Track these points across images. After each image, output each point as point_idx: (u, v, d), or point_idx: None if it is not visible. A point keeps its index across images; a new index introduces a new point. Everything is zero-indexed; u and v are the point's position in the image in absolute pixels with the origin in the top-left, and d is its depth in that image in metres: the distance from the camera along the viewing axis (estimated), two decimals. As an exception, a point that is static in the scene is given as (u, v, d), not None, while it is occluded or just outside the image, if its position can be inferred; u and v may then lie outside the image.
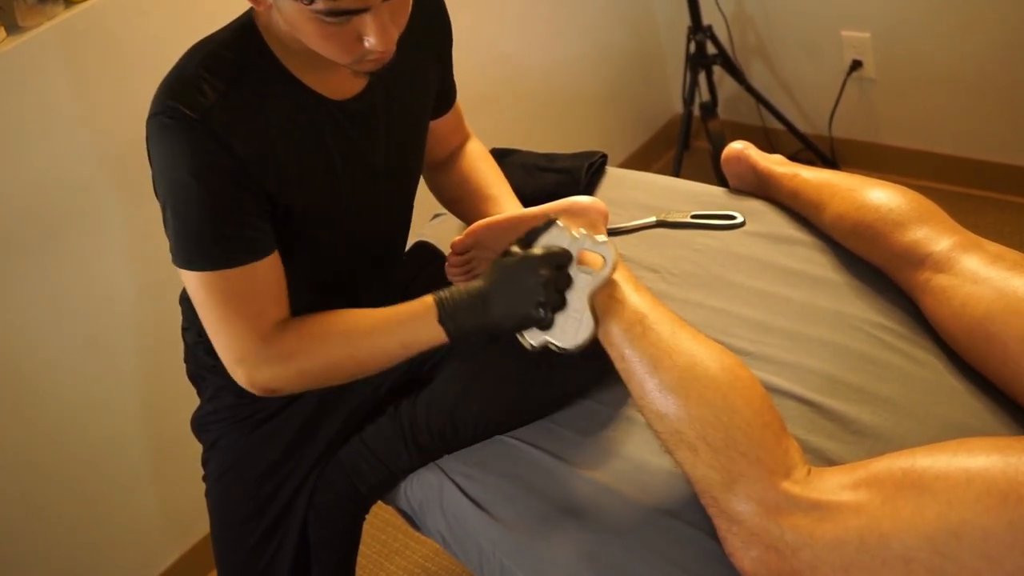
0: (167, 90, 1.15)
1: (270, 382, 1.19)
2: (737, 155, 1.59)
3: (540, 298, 1.11)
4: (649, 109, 3.04)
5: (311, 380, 1.22)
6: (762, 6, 2.69)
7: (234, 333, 1.17)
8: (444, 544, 1.35)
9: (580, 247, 1.14)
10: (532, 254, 1.13)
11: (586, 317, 1.12)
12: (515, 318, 1.13)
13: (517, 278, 1.13)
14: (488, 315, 1.14)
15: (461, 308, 1.15)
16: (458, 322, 1.15)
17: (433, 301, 1.16)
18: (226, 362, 1.20)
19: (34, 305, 1.79)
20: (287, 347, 1.18)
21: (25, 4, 1.70)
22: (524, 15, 2.58)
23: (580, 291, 1.12)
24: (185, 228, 1.15)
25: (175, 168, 1.13)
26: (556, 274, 1.12)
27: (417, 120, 1.38)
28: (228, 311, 1.17)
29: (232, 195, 1.15)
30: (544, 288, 1.11)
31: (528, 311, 1.12)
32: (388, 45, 1.10)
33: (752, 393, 1.09)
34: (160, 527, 2.09)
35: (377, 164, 1.30)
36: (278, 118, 1.19)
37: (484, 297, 1.14)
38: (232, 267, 1.15)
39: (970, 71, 2.41)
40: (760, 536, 1.02)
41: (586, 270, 1.13)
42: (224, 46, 1.18)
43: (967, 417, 1.16)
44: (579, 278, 1.13)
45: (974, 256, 1.22)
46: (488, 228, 1.35)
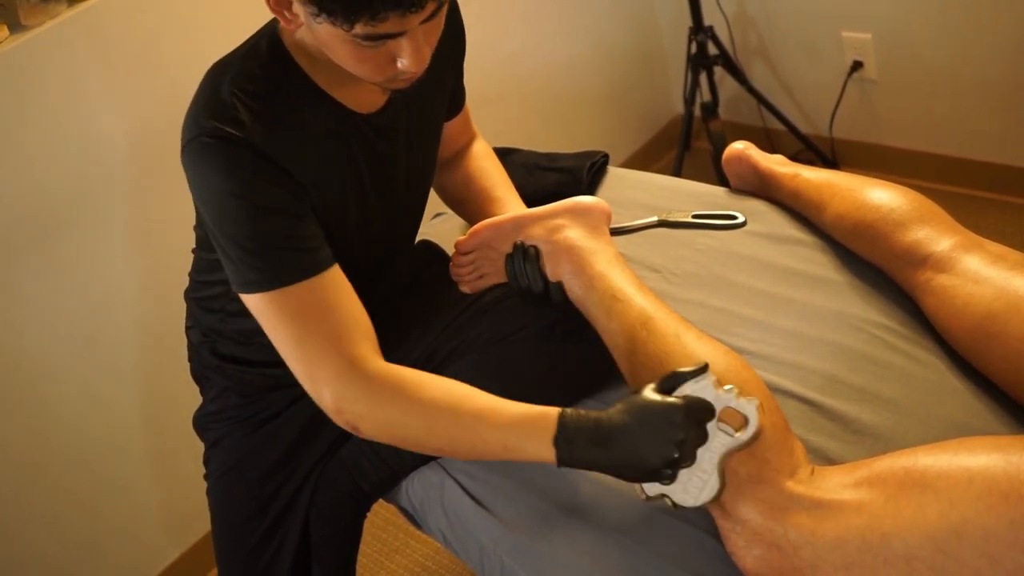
0: (203, 111, 1.12)
1: (358, 418, 1.12)
2: (738, 155, 1.59)
3: (674, 455, 1.01)
4: (650, 109, 3.04)
5: (396, 434, 1.13)
6: (763, 7, 2.69)
7: (315, 355, 1.10)
8: (445, 542, 1.35)
9: (725, 403, 1.04)
10: (677, 403, 1.02)
11: (713, 480, 1.02)
12: (639, 468, 1.02)
13: (653, 425, 1.01)
14: (609, 455, 1.03)
15: (582, 436, 1.04)
16: (574, 450, 1.04)
17: (555, 417, 1.06)
18: (309, 387, 1.13)
19: (35, 304, 1.80)
20: (388, 387, 1.10)
21: (28, 3, 1.70)
22: (526, 15, 2.59)
23: (713, 451, 1.02)
24: (240, 250, 1.11)
25: (221, 189, 1.10)
26: (696, 430, 1.02)
27: (434, 128, 1.38)
28: (302, 331, 1.10)
29: (284, 208, 1.12)
30: (680, 446, 1.01)
31: (655, 464, 1.01)
32: (421, 66, 1.09)
33: (757, 393, 1.09)
34: (160, 526, 2.09)
35: (399, 174, 1.30)
36: (312, 134, 1.18)
37: (611, 433, 1.03)
38: (296, 282, 1.11)
39: (971, 72, 2.41)
40: (763, 535, 1.02)
41: (725, 429, 1.03)
42: (252, 65, 1.16)
43: (968, 417, 1.17)
44: (716, 437, 1.03)
45: (975, 256, 1.23)
46: (492, 228, 1.35)
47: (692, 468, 1.03)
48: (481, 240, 1.36)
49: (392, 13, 1.00)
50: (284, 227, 1.12)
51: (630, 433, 1.02)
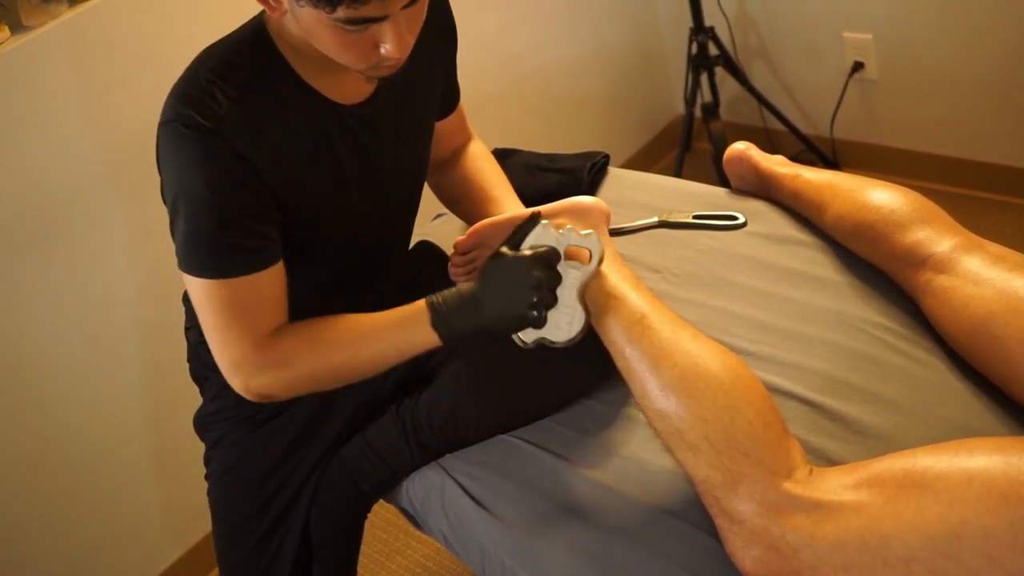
0: (180, 97, 1.14)
1: (265, 387, 1.20)
2: (739, 156, 1.59)
3: (533, 298, 1.13)
4: (651, 110, 3.04)
5: (306, 385, 1.23)
6: (764, 8, 2.69)
7: (231, 340, 1.18)
8: (445, 543, 1.35)
9: (567, 243, 1.16)
10: (522, 255, 1.15)
11: (578, 312, 1.15)
12: (509, 320, 1.15)
13: (509, 280, 1.14)
14: (482, 318, 1.15)
15: (454, 312, 1.16)
16: (451, 326, 1.16)
17: (425, 305, 1.17)
18: (223, 368, 1.21)
19: (35, 303, 1.80)
20: (282, 353, 1.19)
21: (29, 3, 1.70)
22: (527, 16, 2.59)
23: (570, 287, 1.15)
24: (193, 235, 1.15)
25: (187, 176, 1.13)
26: (547, 273, 1.14)
27: (423, 122, 1.38)
28: (228, 318, 1.17)
29: (243, 205, 1.15)
30: (536, 288, 1.13)
31: (523, 312, 1.14)
32: (404, 52, 1.10)
33: (754, 393, 1.09)
34: (161, 526, 2.09)
35: (384, 167, 1.30)
36: (290, 124, 1.19)
37: (477, 300, 1.15)
38: (236, 276, 1.16)
39: (971, 73, 2.41)
40: (761, 536, 1.02)
41: (574, 265, 1.16)
42: (236, 52, 1.18)
43: (968, 418, 1.17)
44: (568, 274, 1.15)
45: (975, 257, 1.23)
46: (490, 227, 1.35)
47: (557, 308, 1.15)
48: (479, 239, 1.35)
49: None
50: (236, 224, 1.15)
51: (492, 293, 1.14)
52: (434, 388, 1.36)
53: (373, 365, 1.21)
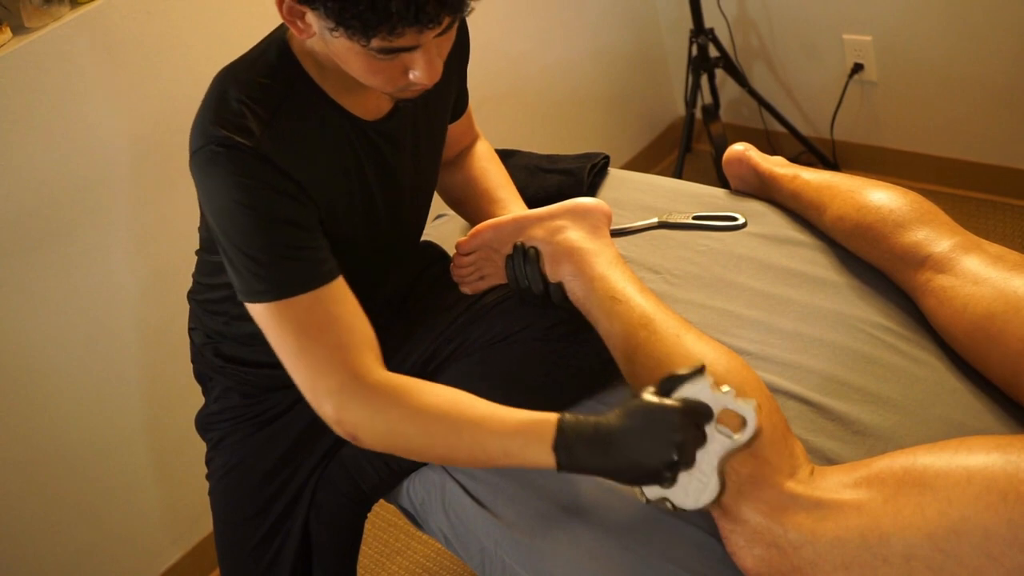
0: (212, 120, 1.11)
1: (357, 427, 1.11)
2: (738, 157, 1.59)
3: (673, 458, 1.01)
4: (651, 112, 3.05)
5: (397, 443, 1.13)
6: (764, 9, 2.70)
7: (317, 365, 1.10)
8: (446, 543, 1.35)
9: (722, 405, 1.03)
10: (675, 406, 1.02)
11: (713, 482, 1.03)
12: (640, 473, 1.03)
13: (651, 428, 1.02)
14: (609, 459, 1.03)
15: (581, 441, 1.04)
16: (573, 456, 1.04)
17: (554, 422, 1.06)
18: (310, 397, 1.12)
19: (38, 303, 1.80)
20: (388, 396, 1.10)
21: (31, 5, 1.71)
22: (527, 17, 2.59)
23: (712, 453, 1.03)
24: (246, 259, 1.11)
25: (229, 198, 1.10)
26: (694, 433, 1.02)
27: (438, 132, 1.38)
28: (306, 342, 1.10)
29: (291, 219, 1.12)
30: (679, 449, 1.01)
31: (654, 467, 1.02)
32: (434, 78, 1.09)
33: (756, 393, 1.09)
34: (162, 526, 2.09)
35: (404, 179, 1.30)
36: (321, 142, 1.18)
37: (610, 438, 1.03)
38: (302, 292, 1.11)
39: (971, 74, 2.41)
40: (763, 535, 1.02)
41: (724, 431, 1.03)
42: (261, 73, 1.16)
43: (968, 417, 1.17)
44: (714, 439, 1.03)
45: (974, 257, 1.23)
46: (493, 229, 1.36)
47: (692, 471, 1.03)
48: (482, 241, 1.36)
49: (409, 29, 1.00)
50: (291, 238, 1.12)
51: (629, 437, 1.02)
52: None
53: (471, 456, 1.11)
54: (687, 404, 1.02)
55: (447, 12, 1.01)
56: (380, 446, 1.14)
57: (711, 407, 1.03)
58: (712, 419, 1.03)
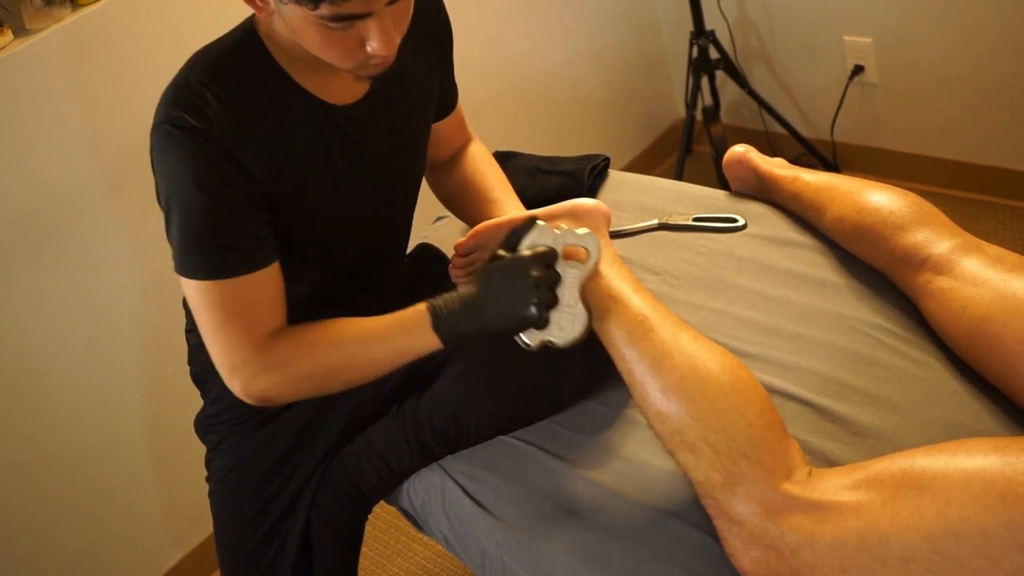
0: (171, 100, 1.15)
1: (265, 391, 1.20)
2: (739, 158, 1.59)
3: (533, 299, 1.13)
4: (652, 113, 3.05)
5: (305, 388, 1.22)
6: (765, 11, 2.70)
7: (230, 342, 1.18)
8: (446, 544, 1.36)
9: (564, 242, 1.17)
10: (521, 256, 1.15)
11: (579, 310, 1.15)
12: (511, 320, 1.15)
13: (508, 281, 1.14)
14: (483, 320, 1.15)
15: (455, 314, 1.16)
16: (453, 328, 1.16)
17: (426, 308, 1.18)
18: (221, 371, 1.20)
19: (38, 304, 1.80)
20: (282, 355, 1.18)
21: (32, 7, 1.71)
22: (528, 19, 2.59)
23: (570, 286, 1.15)
24: (187, 237, 1.16)
25: (179, 178, 1.14)
26: (546, 273, 1.14)
27: (419, 122, 1.38)
28: (225, 320, 1.17)
29: (236, 206, 1.16)
30: (536, 288, 1.13)
31: (523, 313, 1.13)
32: (390, 50, 1.10)
33: (753, 394, 1.09)
34: (162, 528, 2.09)
35: (379, 167, 1.31)
36: (282, 125, 1.19)
37: (477, 303, 1.15)
38: (232, 277, 1.16)
39: (971, 76, 2.41)
40: (760, 537, 1.02)
41: (573, 264, 1.16)
42: (226, 54, 1.18)
43: (967, 418, 1.17)
44: (567, 273, 1.16)
45: (974, 258, 1.23)
46: (491, 229, 1.36)
47: (559, 309, 1.15)
48: (480, 241, 1.36)
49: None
50: (232, 225, 1.16)
51: (492, 295, 1.14)
52: (435, 389, 1.36)
53: (372, 368, 1.21)
54: (532, 251, 1.15)
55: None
56: (293, 396, 1.24)
57: (554, 248, 1.16)
58: (558, 257, 1.15)
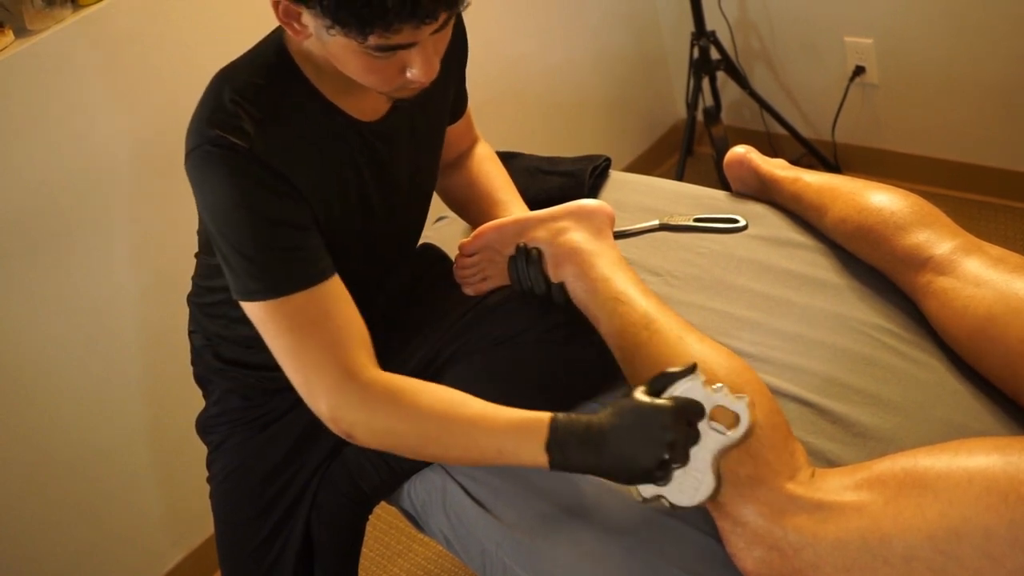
0: (206, 120, 1.12)
1: (353, 426, 1.12)
2: (739, 159, 1.59)
3: (665, 456, 1.01)
4: (653, 114, 3.05)
5: (392, 442, 1.15)
6: (765, 12, 2.70)
7: (311, 364, 1.11)
8: (447, 544, 1.36)
9: (715, 403, 1.04)
10: (666, 405, 1.03)
11: (708, 478, 1.03)
12: (633, 471, 1.03)
13: (642, 427, 1.02)
14: (601, 458, 1.04)
15: (574, 440, 1.05)
16: (566, 454, 1.05)
17: (547, 421, 1.07)
18: (305, 396, 1.13)
19: (39, 305, 1.80)
20: (383, 396, 1.11)
21: (33, 7, 1.71)
22: (528, 20, 2.59)
23: (706, 449, 1.03)
24: (241, 258, 1.11)
25: (224, 198, 1.11)
26: (687, 431, 1.03)
27: (436, 132, 1.38)
28: (300, 340, 1.11)
29: (286, 219, 1.13)
30: (671, 447, 1.02)
31: (647, 466, 1.02)
32: (431, 76, 1.09)
33: (759, 396, 1.09)
34: (163, 529, 2.09)
35: (402, 180, 1.30)
36: (316, 143, 1.18)
37: (602, 437, 1.04)
38: (296, 291, 1.11)
39: (973, 77, 2.41)
40: (764, 537, 1.02)
41: (717, 428, 1.03)
42: (258, 74, 1.16)
43: (968, 419, 1.17)
44: (708, 436, 1.03)
45: (976, 259, 1.23)
46: (496, 230, 1.36)
47: (686, 468, 1.03)
48: (484, 242, 1.36)
49: (406, 25, 1.00)
50: (285, 237, 1.12)
51: (621, 436, 1.03)
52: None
53: (465, 455, 1.12)
54: (678, 402, 1.03)
55: (443, 7, 1.01)
56: (375, 444, 1.16)
57: (703, 404, 1.03)
58: (704, 416, 1.03)
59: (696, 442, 1.03)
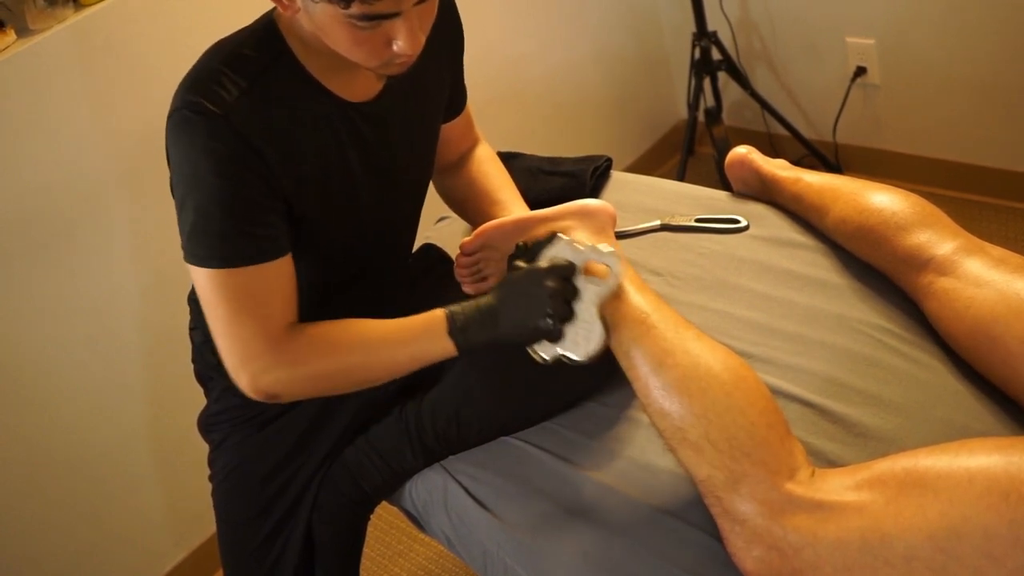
0: (188, 86, 1.14)
1: (273, 386, 1.18)
2: (741, 159, 1.59)
3: (548, 310, 1.12)
4: (654, 115, 3.05)
5: (315, 387, 1.22)
6: (767, 12, 2.70)
7: (241, 334, 1.15)
8: (448, 545, 1.36)
9: (585, 258, 1.15)
10: (538, 267, 1.15)
11: (596, 327, 1.13)
12: (524, 331, 1.14)
13: (524, 291, 1.14)
14: (497, 329, 1.15)
15: (471, 322, 1.15)
16: (468, 336, 1.16)
17: (444, 315, 1.17)
18: (229, 364, 1.18)
19: (40, 304, 1.80)
20: (296, 352, 1.17)
21: (35, 7, 1.71)
22: (530, 20, 2.60)
23: (588, 302, 1.13)
24: (201, 223, 1.14)
25: (195, 163, 1.13)
26: (563, 286, 1.13)
27: (429, 121, 1.39)
28: (237, 311, 1.15)
29: (252, 192, 1.15)
30: (551, 300, 1.12)
31: (537, 323, 1.12)
32: (416, 48, 1.11)
33: (756, 394, 1.09)
34: (164, 528, 2.09)
35: (390, 165, 1.31)
36: (300, 119, 1.19)
37: (493, 311, 1.15)
38: (245, 265, 1.14)
39: (974, 78, 2.41)
40: (763, 536, 1.02)
41: (593, 280, 1.14)
42: (246, 46, 1.18)
43: (969, 419, 1.17)
44: (586, 289, 1.14)
45: (977, 259, 1.23)
46: (497, 229, 1.36)
47: (575, 323, 1.13)
48: (485, 241, 1.36)
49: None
50: (246, 210, 1.14)
51: (508, 304, 1.14)
52: (438, 390, 1.36)
53: (386, 371, 1.20)
54: (552, 263, 1.15)
55: None
56: (303, 394, 1.23)
57: (574, 262, 1.14)
58: (577, 271, 1.14)
59: (576, 296, 1.14)
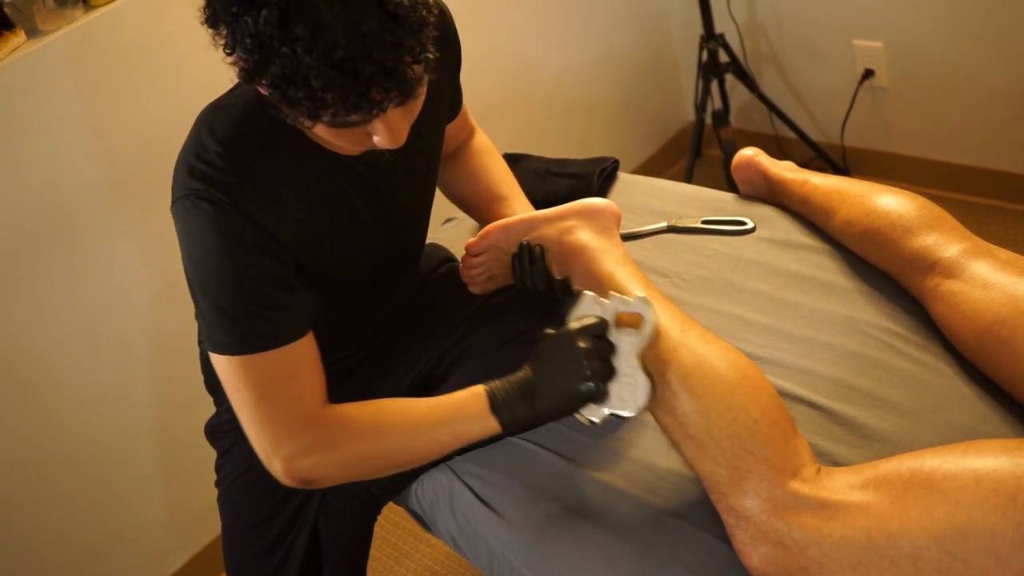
0: (189, 172, 1.10)
1: (311, 471, 1.12)
2: (747, 161, 1.59)
3: (587, 372, 1.08)
4: (662, 117, 3.05)
5: (355, 470, 1.16)
6: (774, 15, 2.70)
7: (271, 418, 1.11)
8: (454, 545, 1.36)
9: (614, 310, 1.11)
10: (568, 330, 1.10)
11: (640, 379, 1.09)
12: (567, 398, 1.09)
13: (559, 358, 1.09)
14: (541, 403, 1.10)
15: (512, 399, 1.11)
16: (512, 413, 1.11)
17: (484, 393, 1.13)
18: (261, 452, 1.13)
19: (46, 307, 1.81)
20: (332, 435, 1.12)
21: (45, 8, 1.72)
22: (538, 22, 2.60)
23: (626, 354, 1.09)
24: (218, 312, 1.11)
25: (206, 251, 1.10)
26: (597, 344, 1.09)
27: (433, 148, 1.35)
28: (264, 396, 1.11)
29: (266, 275, 1.12)
30: (588, 361, 1.08)
31: (578, 388, 1.08)
32: (398, 143, 1.06)
33: (760, 392, 1.09)
34: (168, 530, 2.09)
35: (398, 202, 1.29)
36: (304, 186, 1.16)
37: (531, 385, 1.11)
38: (266, 350, 1.11)
39: (982, 80, 2.41)
40: (768, 533, 1.02)
41: (627, 331, 1.10)
42: (240, 119, 1.13)
43: (976, 422, 1.17)
44: (622, 342, 1.10)
45: (984, 262, 1.23)
46: (502, 230, 1.36)
47: (618, 379, 1.09)
48: (491, 241, 1.36)
49: (354, 115, 0.98)
50: (264, 296, 1.11)
51: (545, 375, 1.10)
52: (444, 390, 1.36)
53: (428, 451, 1.16)
54: (581, 323, 1.10)
55: (393, 99, 0.98)
56: (340, 478, 1.16)
57: (604, 317, 1.11)
58: (609, 326, 1.10)
59: (613, 352, 1.10)
